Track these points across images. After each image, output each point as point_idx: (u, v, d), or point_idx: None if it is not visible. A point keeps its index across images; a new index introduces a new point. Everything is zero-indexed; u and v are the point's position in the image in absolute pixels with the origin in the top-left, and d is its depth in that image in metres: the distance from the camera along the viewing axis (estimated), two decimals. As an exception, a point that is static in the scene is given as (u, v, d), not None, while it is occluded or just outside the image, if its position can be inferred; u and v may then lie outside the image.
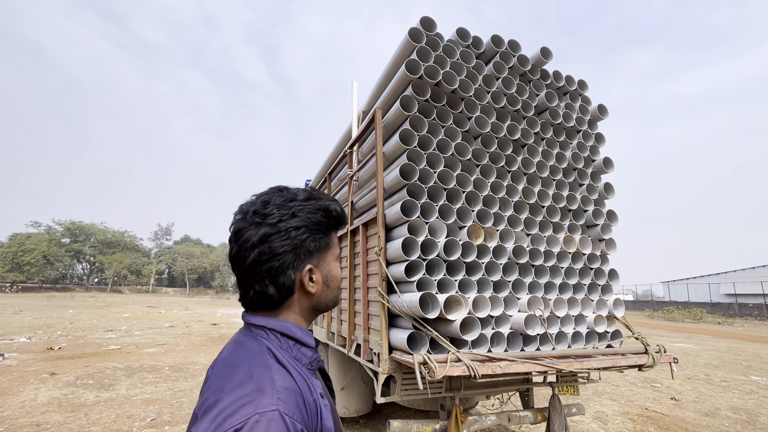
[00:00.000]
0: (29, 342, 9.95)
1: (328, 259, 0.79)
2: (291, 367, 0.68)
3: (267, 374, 0.63)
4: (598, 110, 3.78)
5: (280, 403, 0.59)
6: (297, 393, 0.63)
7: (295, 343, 0.73)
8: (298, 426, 0.59)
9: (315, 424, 0.64)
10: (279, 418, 0.57)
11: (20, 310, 20.07)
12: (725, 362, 9.15)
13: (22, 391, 5.49)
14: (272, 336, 0.72)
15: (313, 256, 0.76)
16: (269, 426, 0.55)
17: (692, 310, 25.71)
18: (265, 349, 0.68)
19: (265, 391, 0.60)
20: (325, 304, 0.80)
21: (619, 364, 2.80)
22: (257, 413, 0.56)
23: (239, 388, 0.60)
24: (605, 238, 3.52)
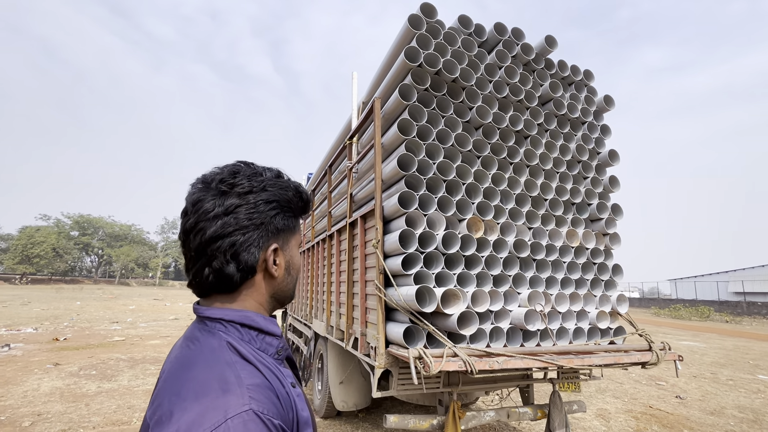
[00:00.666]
0: (36, 333, 10.08)
1: (292, 243, 0.73)
2: (257, 360, 0.61)
3: (231, 372, 0.56)
4: (605, 101, 3.67)
5: (252, 402, 0.53)
6: (268, 388, 0.57)
7: (259, 333, 0.66)
8: (275, 422, 0.53)
9: (291, 417, 0.59)
10: (255, 418, 0.51)
11: (28, 301, 20.36)
12: (732, 361, 9.01)
13: (25, 380, 5.54)
14: (231, 328, 0.64)
15: (279, 236, 0.70)
16: (247, 427, 0.50)
17: (699, 308, 25.42)
18: (224, 344, 0.61)
19: (232, 391, 0.53)
20: (284, 292, 0.73)
21: (622, 361, 2.73)
22: (228, 418, 0.49)
23: (201, 392, 0.53)
24: (609, 232, 3.43)
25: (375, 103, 3.01)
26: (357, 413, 4.54)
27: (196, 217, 0.64)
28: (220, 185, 0.65)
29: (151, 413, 0.55)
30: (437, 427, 2.87)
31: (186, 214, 0.66)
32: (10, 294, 26.25)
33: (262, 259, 0.67)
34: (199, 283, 0.66)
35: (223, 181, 0.65)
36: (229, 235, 0.64)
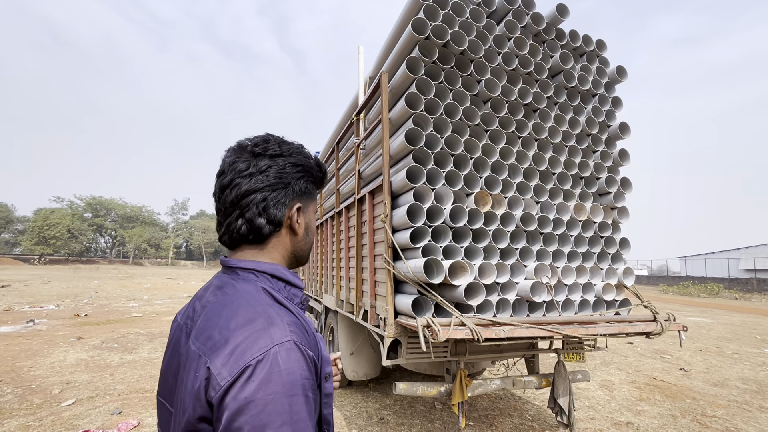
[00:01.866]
0: (57, 309, 10.49)
1: (310, 208, 0.81)
2: (289, 305, 0.71)
3: (273, 309, 0.66)
4: (617, 72, 3.59)
5: (293, 334, 0.62)
6: (302, 326, 0.67)
7: (286, 285, 0.75)
8: (310, 354, 0.63)
9: (317, 353, 0.67)
10: (295, 347, 0.60)
11: (48, 280, 21.07)
12: (739, 336, 9.06)
13: (51, 353, 5.83)
14: (263, 278, 0.72)
15: (302, 198, 0.78)
16: (289, 355, 0.59)
17: (708, 285, 25.31)
18: (261, 289, 0.70)
19: (277, 324, 0.62)
20: (303, 251, 0.81)
21: (626, 331, 2.79)
22: (275, 344, 0.59)
23: (249, 324, 0.61)
24: (618, 206, 3.43)
25: (382, 77, 2.99)
26: (367, 383, 4.72)
27: (233, 174, 0.72)
28: (255, 148, 0.74)
29: (201, 345, 0.63)
30: (444, 393, 2.99)
31: (222, 173, 0.74)
32: (30, 274, 27.15)
33: (287, 216, 0.76)
34: (231, 234, 0.74)
35: (257, 145, 0.74)
36: (261, 190, 0.72)
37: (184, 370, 0.64)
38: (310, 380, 0.61)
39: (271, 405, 0.55)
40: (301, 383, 0.58)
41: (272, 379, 0.56)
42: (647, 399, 4.53)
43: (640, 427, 3.72)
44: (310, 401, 0.60)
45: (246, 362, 0.57)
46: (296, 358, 0.60)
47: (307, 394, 0.59)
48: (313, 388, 0.62)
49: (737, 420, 3.93)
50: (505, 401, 4.31)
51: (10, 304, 11.02)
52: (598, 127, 3.49)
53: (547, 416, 3.90)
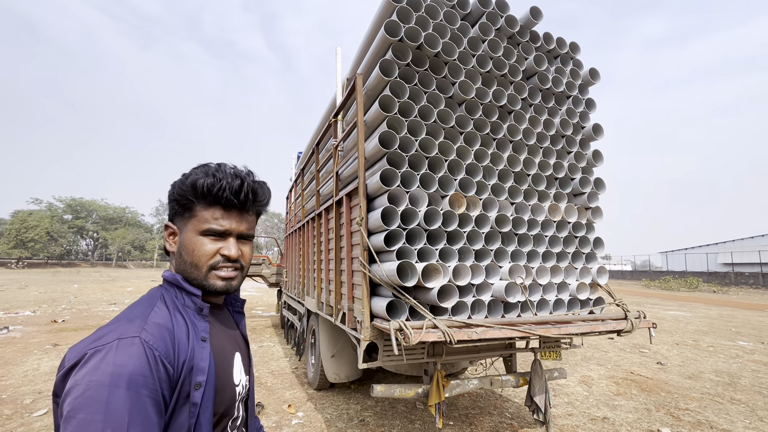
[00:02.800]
0: (34, 315, 10.19)
1: (187, 227, 0.83)
2: (176, 310, 0.77)
3: (144, 311, 0.74)
4: (590, 74, 3.65)
5: (143, 332, 0.67)
6: (167, 329, 0.72)
7: (184, 294, 0.82)
8: (156, 353, 0.66)
9: (182, 360, 0.71)
10: (138, 344, 0.65)
11: (26, 285, 20.45)
12: (715, 328, 9.34)
13: (25, 361, 5.66)
14: (170, 287, 0.83)
15: (174, 219, 0.85)
16: (127, 349, 0.64)
17: (688, 279, 26.04)
18: (159, 294, 0.80)
19: (134, 322, 0.70)
20: (181, 270, 0.83)
21: (598, 329, 2.84)
22: (119, 339, 0.65)
23: (117, 321, 0.71)
24: (592, 206, 3.49)
25: (357, 79, 2.98)
26: (349, 384, 4.72)
27: None
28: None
29: None
30: (422, 395, 3.01)
31: None
32: (7, 278, 26.31)
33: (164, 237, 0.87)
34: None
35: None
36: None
37: None
38: (148, 378, 0.63)
39: (90, 391, 0.59)
40: (128, 377, 0.61)
41: (99, 368, 0.60)
42: (624, 393, 4.63)
43: (616, 421, 3.80)
44: (141, 398, 0.62)
45: (86, 349, 0.63)
46: (135, 353, 0.63)
47: (138, 390, 0.61)
48: (150, 387, 0.63)
49: (708, 412, 4.05)
50: (485, 400, 4.35)
51: (-17, 311, 10.66)
52: (572, 128, 3.55)
53: (526, 414, 3.96)
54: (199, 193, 0.80)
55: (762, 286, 24.21)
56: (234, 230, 0.83)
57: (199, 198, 0.81)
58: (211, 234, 0.81)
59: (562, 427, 3.64)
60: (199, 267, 0.81)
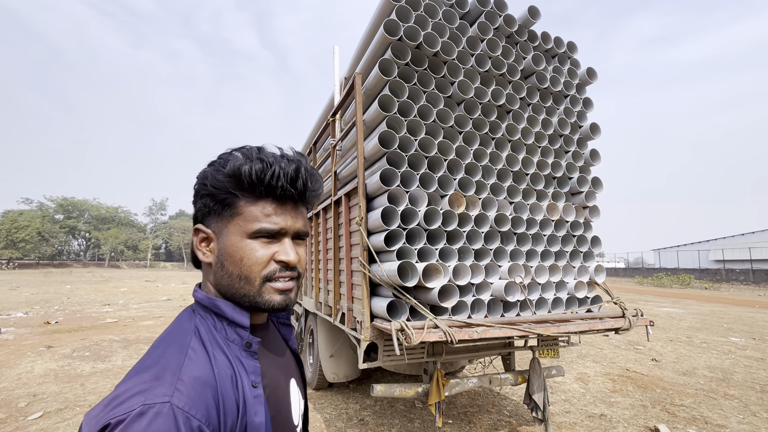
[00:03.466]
0: (26, 317, 10.07)
1: (230, 229, 0.64)
2: (215, 347, 0.61)
3: (176, 358, 0.56)
4: (587, 74, 3.66)
5: (176, 395, 0.51)
6: (209, 385, 0.55)
7: (229, 324, 0.65)
8: (194, 424, 0.50)
9: (233, 421, 0.56)
10: (168, 413, 0.49)
11: (17, 286, 20.19)
12: (708, 325, 9.46)
13: (18, 363, 5.59)
14: (205, 313, 0.65)
15: (207, 219, 0.66)
16: (154, 421, 0.48)
17: (681, 276, 26.34)
18: (192, 329, 0.62)
19: (163, 379, 0.53)
20: (222, 287, 0.66)
21: (596, 327, 2.86)
22: (144, 404, 0.49)
23: (141, 373, 0.54)
24: (589, 205, 3.51)
25: (356, 78, 2.97)
26: (348, 384, 4.72)
27: None
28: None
29: None
30: (422, 394, 3.01)
31: None
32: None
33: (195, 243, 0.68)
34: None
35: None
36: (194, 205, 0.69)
37: None
38: None
39: None
40: None
41: None
42: (620, 390, 4.68)
43: (613, 418, 3.83)
44: None
45: (108, 419, 0.48)
46: (163, 427, 0.48)
47: None
48: None
49: (703, 408, 4.11)
50: (483, 398, 4.37)
51: (-26, 313, 10.51)
52: (570, 127, 3.56)
53: (524, 411, 3.98)
54: (244, 184, 0.62)
55: (752, 282, 24.58)
56: (290, 228, 0.66)
57: (244, 190, 0.63)
58: (262, 236, 0.64)
59: (560, 425, 3.67)
60: (251, 280, 0.64)
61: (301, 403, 0.76)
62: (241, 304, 0.65)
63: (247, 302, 0.65)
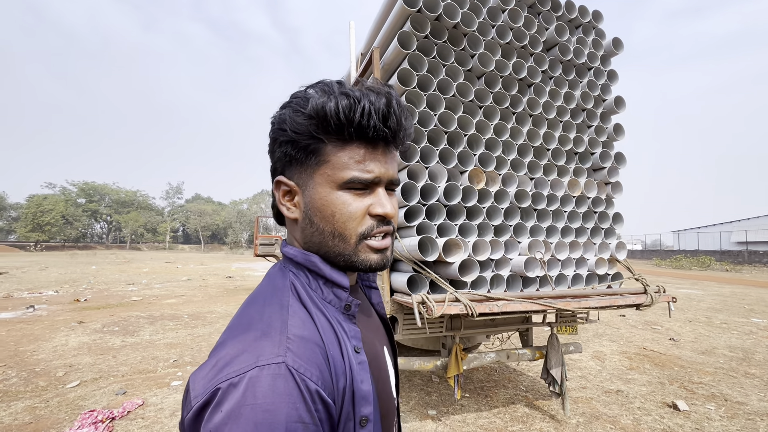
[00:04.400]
0: (57, 295, 10.54)
1: (316, 180, 0.56)
2: (317, 310, 0.55)
3: (279, 315, 0.51)
4: (613, 45, 3.52)
5: (288, 354, 0.46)
6: (316, 344, 0.50)
7: (326, 282, 0.58)
8: (311, 386, 0.45)
9: (342, 386, 0.50)
10: (286, 374, 0.44)
11: (46, 266, 21.07)
12: (728, 306, 9.30)
13: (53, 337, 5.90)
14: (299, 271, 0.59)
15: (289, 169, 0.58)
16: (273, 384, 0.43)
17: (700, 258, 25.77)
18: (288, 286, 0.56)
19: (271, 337, 0.47)
20: (313, 244, 0.59)
21: (617, 303, 2.85)
22: (257, 366, 0.44)
23: (244, 331, 0.49)
24: (611, 181, 3.44)
25: (374, 53, 2.92)
26: (366, 359, 4.84)
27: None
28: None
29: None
30: (441, 367, 3.08)
31: None
32: (27, 260, 27.11)
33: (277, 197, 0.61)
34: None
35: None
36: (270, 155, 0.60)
37: None
38: (308, 425, 0.43)
39: None
40: (285, 428, 0.42)
41: (242, 415, 0.41)
42: (637, 368, 4.68)
43: (630, 394, 3.86)
44: None
45: (219, 382, 0.43)
46: (283, 390, 0.43)
47: None
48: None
49: (723, 386, 4.09)
50: (499, 373, 4.44)
51: (8, 291, 11.05)
52: (594, 101, 3.46)
53: (540, 386, 4.04)
54: (330, 125, 0.53)
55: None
56: (384, 176, 0.57)
57: (330, 132, 0.54)
58: (354, 186, 0.55)
59: (576, 399, 3.71)
60: (347, 238, 0.56)
61: (393, 374, 0.67)
62: (335, 263, 0.59)
63: (342, 261, 0.58)
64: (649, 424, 3.22)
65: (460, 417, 3.35)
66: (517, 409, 3.50)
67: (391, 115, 0.54)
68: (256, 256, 11.28)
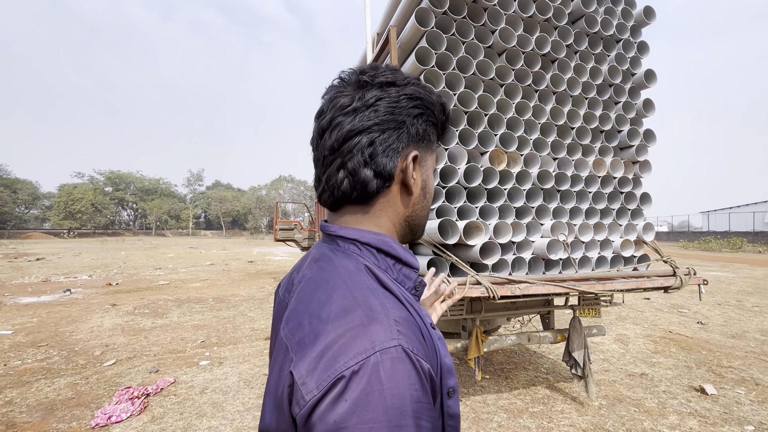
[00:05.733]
0: (90, 279, 11.08)
1: (428, 162, 0.62)
2: (398, 291, 0.53)
3: (375, 297, 0.49)
4: (644, 14, 3.32)
5: (401, 337, 0.45)
6: (415, 324, 0.49)
7: (396, 263, 0.57)
8: (425, 366, 0.45)
9: (436, 362, 0.50)
10: (404, 357, 0.44)
11: (79, 252, 22.11)
12: (760, 289, 8.95)
13: (89, 319, 6.23)
14: (366, 252, 0.56)
15: (420, 144, 0.59)
16: (395, 368, 0.43)
17: (731, 239, 24.74)
18: (362, 267, 0.54)
19: (379, 319, 0.46)
20: (418, 219, 0.63)
21: (644, 285, 2.78)
22: (376, 351, 0.43)
23: (345, 316, 0.46)
24: (640, 159, 3.30)
25: (390, 32, 2.85)
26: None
27: (333, 112, 0.57)
28: (360, 77, 0.57)
29: (289, 333, 0.51)
30: (461, 349, 3.09)
31: (321, 113, 0.59)
32: (61, 247, 28.51)
33: (400, 167, 0.58)
34: (332, 192, 0.58)
35: (364, 73, 0.58)
36: (368, 130, 0.55)
37: (274, 357, 0.54)
38: (425, 404, 0.44)
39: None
40: (411, 409, 0.42)
41: (371, 402, 0.41)
42: (662, 351, 4.59)
43: (655, 377, 3.79)
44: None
45: (338, 372, 0.42)
46: (405, 372, 0.43)
47: (419, 424, 0.43)
48: (429, 414, 0.45)
49: (753, 370, 3.97)
50: (520, 356, 4.44)
51: (46, 275, 11.68)
52: (622, 76, 3.29)
53: (561, 369, 4.02)
54: (447, 121, 0.63)
55: (815, 245, 22.71)
56: None
57: (440, 123, 0.62)
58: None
59: (599, 382, 3.68)
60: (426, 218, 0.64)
61: None
62: (414, 238, 0.65)
63: (418, 235, 0.65)
64: (675, 408, 3.17)
65: (480, 398, 3.37)
66: (538, 391, 3.50)
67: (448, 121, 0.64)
68: (276, 241, 11.51)
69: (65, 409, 3.17)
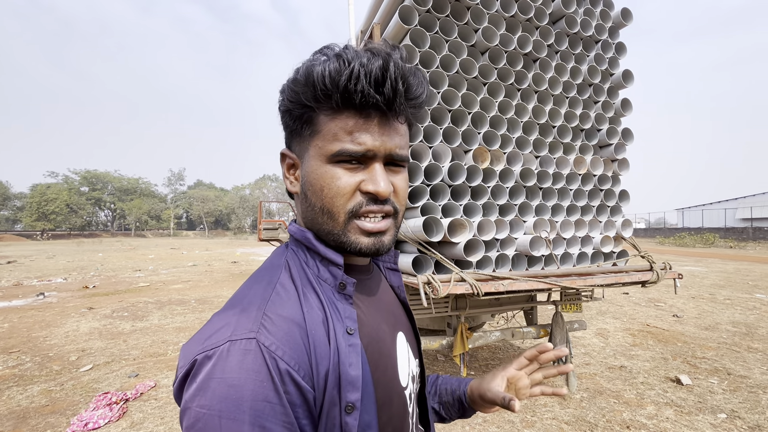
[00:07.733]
0: (65, 282, 10.70)
1: (310, 153, 0.53)
2: (307, 285, 0.53)
3: (263, 293, 0.50)
4: (622, 15, 3.40)
5: (262, 331, 0.45)
6: (297, 324, 0.47)
7: (321, 260, 0.55)
8: (281, 365, 0.43)
9: (324, 370, 0.47)
10: (256, 351, 0.43)
11: (53, 255, 21.32)
12: (731, 282, 9.32)
13: (64, 323, 6.01)
14: (299, 249, 0.57)
15: (291, 139, 0.56)
16: (242, 360, 0.42)
17: (705, 235, 25.70)
18: (283, 263, 0.55)
19: (250, 312, 0.47)
20: (310, 221, 0.56)
21: (623, 280, 2.85)
22: (229, 340, 0.44)
23: (230, 308, 0.49)
24: (618, 158, 3.38)
25: (374, 29, 2.84)
26: (372, 340, 4.90)
27: None
28: None
29: None
30: (446, 346, 3.11)
31: None
32: (34, 249, 27.43)
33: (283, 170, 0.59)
34: None
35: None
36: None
37: None
38: (275, 405, 0.42)
39: (200, 423, 0.41)
40: (251, 405, 0.41)
41: (209, 388, 0.41)
42: (640, 344, 4.73)
43: (633, 369, 3.90)
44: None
45: (196, 353, 0.44)
46: (252, 366, 0.42)
47: (263, 425, 0.41)
48: (283, 419, 0.42)
49: (726, 360, 4.13)
50: (504, 352, 4.50)
51: (18, 279, 11.22)
52: (601, 75, 3.37)
53: (544, 363, 4.08)
54: (319, 91, 0.48)
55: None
56: (379, 150, 0.51)
57: (320, 99, 0.49)
58: (344, 159, 0.51)
59: (580, 375, 3.76)
60: (335, 215, 0.52)
61: (413, 363, 0.64)
62: (326, 241, 0.55)
63: (332, 241, 0.54)
64: (653, 398, 3.26)
65: (465, 394, 3.40)
66: (522, 386, 3.55)
67: (386, 80, 0.48)
68: (260, 241, 11.35)
69: (39, 417, 3.05)
